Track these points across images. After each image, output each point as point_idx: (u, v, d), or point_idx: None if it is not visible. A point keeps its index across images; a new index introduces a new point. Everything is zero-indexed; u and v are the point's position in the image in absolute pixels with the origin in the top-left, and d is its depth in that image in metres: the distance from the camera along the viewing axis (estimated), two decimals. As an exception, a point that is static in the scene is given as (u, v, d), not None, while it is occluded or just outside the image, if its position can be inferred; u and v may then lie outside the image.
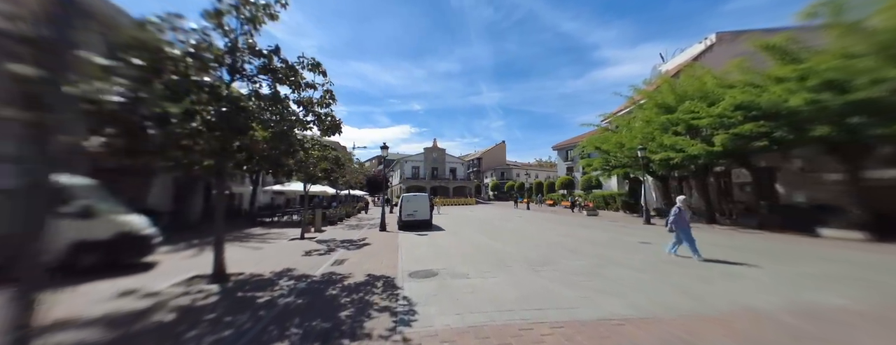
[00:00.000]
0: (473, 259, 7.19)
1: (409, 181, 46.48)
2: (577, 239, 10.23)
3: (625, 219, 18.02)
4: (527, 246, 8.96)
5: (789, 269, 6.00)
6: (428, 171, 48.31)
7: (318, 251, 8.88)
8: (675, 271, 5.99)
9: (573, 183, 34.48)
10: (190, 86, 4.89)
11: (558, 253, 7.85)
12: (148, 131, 5.21)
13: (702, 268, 6.19)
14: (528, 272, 5.95)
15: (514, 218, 19.14)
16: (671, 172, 16.35)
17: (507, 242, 9.81)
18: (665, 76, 16.06)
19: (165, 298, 5.08)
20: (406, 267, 6.50)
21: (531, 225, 15.05)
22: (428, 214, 13.65)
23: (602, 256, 7.33)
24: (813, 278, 5.42)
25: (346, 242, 10.66)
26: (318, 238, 11.66)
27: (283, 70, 6.08)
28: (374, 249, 9.01)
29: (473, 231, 12.69)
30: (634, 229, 13.01)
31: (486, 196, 54.40)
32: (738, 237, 10.23)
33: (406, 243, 9.85)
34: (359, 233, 12.95)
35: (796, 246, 8.45)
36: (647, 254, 7.56)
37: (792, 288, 4.87)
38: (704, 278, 5.49)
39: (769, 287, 4.93)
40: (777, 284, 5.09)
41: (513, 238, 10.61)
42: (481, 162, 61.64)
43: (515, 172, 56.18)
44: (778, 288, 4.88)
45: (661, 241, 9.46)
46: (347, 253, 8.49)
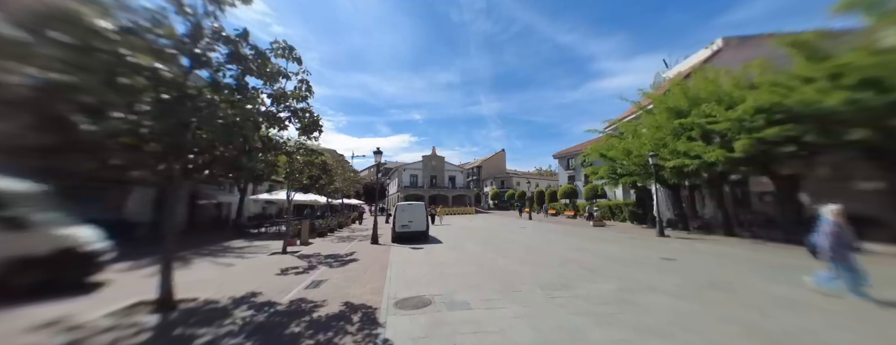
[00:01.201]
0: (476, 281, 6.07)
1: (407, 190, 45.22)
2: (591, 254, 9.11)
3: (634, 230, 16.89)
4: (537, 263, 7.85)
5: (860, 296, 4.91)
6: (426, 179, 47.11)
7: (296, 269, 7.74)
8: (720, 297, 4.90)
9: (576, 192, 33.41)
10: (122, 66, 3.90)
11: (575, 273, 6.74)
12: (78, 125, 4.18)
13: (748, 293, 5.09)
14: (544, 300, 4.85)
15: (517, 229, 17.98)
16: (683, 180, 15.33)
17: (513, 257, 8.69)
18: (676, 79, 15.25)
19: (87, 333, 3.98)
20: (394, 292, 5.38)
21: (537, 237, 13.92)
22: (424, 225, 12.56)
23: (627, 278, 6.22)
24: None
25: (331, 257, 9.51)
26: (303, 252, 10.50)
27: (252, 58, 5.14)
28: (360, 267, 7.87)
29: (475, 244, 11.55)
30: (650, 243, 11.90)
31: (486, 205, 53.18)
32: (781, 254, 9.12)
33: (398, 260, 8.71)
34: (347, 246, 11.78)
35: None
36: (676, 274, 6.47)
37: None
38: (758, 306, 4.41)
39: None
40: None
41: (519, 253, 9.49)
42: (481, 170, 60.69)
43: (515, 180, 55.13)
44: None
45: (685, 257, 8.37)
46: (328, 272, 7.35)
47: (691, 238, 13.12)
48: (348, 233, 17.05)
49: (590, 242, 11.92)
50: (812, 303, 4.69)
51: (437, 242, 11.99)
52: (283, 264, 8.53)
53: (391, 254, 9.64)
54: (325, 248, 11.54)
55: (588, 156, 19.73)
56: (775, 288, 5.38)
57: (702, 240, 12.59)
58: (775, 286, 5.48)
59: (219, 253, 10.66)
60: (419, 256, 9.13)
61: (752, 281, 5.87)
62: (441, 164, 49.15)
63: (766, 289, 5.33)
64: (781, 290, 5.27)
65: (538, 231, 16.81)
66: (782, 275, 6.31)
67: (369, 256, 9.46)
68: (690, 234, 14.60)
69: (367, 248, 11.28)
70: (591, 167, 20.30)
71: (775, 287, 5.43)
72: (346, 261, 8.81)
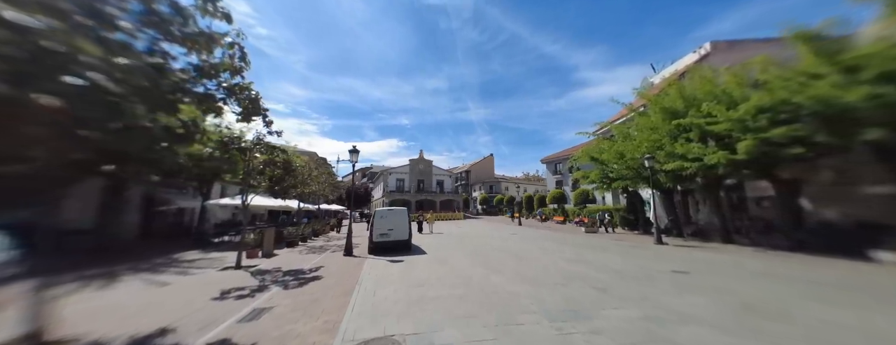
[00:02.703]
0: (464, 310, 4.74)
1: (392, 194, 43.07)
2: (593, 267, 7.95)
3: (628, 237, 15.99)
4: (536, 280, 6.58)
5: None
6: (413, 183, 45.00)
7: (241, 291, 6.20)
8: (776, 329, 3.78)
9: (564, 197, 32.70)
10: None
11: (583, 294, 5.51)
12: None
13: (809, 322, 3.99)
14: (556, 339, 3.58)
15: (508, 236, 16.77)
16: (680, 184, 14.59)
17: (507, 272, 7.41)
18: (671, 79, 14.60)
19: None
20: (353, 330, 3.99)
21: (531, 245, 12.72)
22: (407, 233, 11.11)
23: (647, 300, 5.04)
24: None
25: (292, 273, 7.98)
26: (261, 266, 8.90)
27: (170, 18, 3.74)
28: (321, 289, 6.39)
29: (463, 255, 10.20)
30: (650, 251, 10.91)
31: (474, 210, 52.04)
32: (800, 266, 8.21)
33: (371, 277, 7.29)
34: (316, 259, 10.21)
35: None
36: (700, 293, 5.36)
37: None
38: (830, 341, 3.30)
39: None
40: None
41: (513, 266, 8.24)
42: (470, 175, 59.70)
43: (504, 185, 54.39)
44: None
45: (697, 269, 7.33)
46: (279, 296, 5.86)
47: (690, 246, 12.25)
48: (323, 242, 15.34)
49: (587, 252, 10.81)
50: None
51: (421, 253, 10.58)
52: (230, 282, 6.95)
53: (364, 269, 8.18)
54: (289, 261, 9.94)
55: (578, 160, 18.85)
56: (838, 314, 4.31)
57: (701, 248, 11.73)
58: (836, 311, 4.41)
59: (162, 268, 8.92)
60: (397, 272, 7.71)
61: (796, 303, 4.81)
62: (429, 168, 46.89)
63: (827, 316, 4.24)
64: (848, 317, 4.20)
65: (530, 238, 15.66)
66: (829, 294, 5.29)
67: (337, 272, 7.96)
68: (687, 241, 13.78)
69: (339, 261, 9.75)
70: (581, 171, 19.43)
71: (837, 312, 4.36)
72: (307, 279, 7.30)
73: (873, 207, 9.58)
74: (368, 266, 8.57)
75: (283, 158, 9.70)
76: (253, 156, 9.06)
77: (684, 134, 12.38)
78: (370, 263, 9.06)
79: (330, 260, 9.89)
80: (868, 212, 9.81)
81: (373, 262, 9.20)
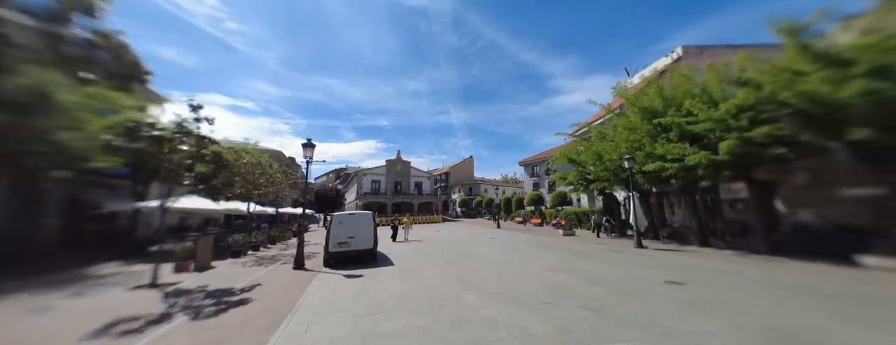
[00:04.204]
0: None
1: (367, 197, 40.15)
2: (581, 278, 6.94)
3: (607, 240, 15.38)
4: (519, 299, 5.43)
5: None
6: (390, 185, 42.43)
7: (134, 322, 4.58)
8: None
9: (542, 199, 32.29)
10: None
11: (577, 318, 4.41)
12: None
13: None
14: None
15: (486, 240, 15.64)
16: (659, 185, 14.15)
17: (486, 289, 6.21)
18: (651, 78, 14.17)
19: None
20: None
21: (511, 252, 11.62)
22: (371, 241, 9.52)
23: (654, 326, 4.01)
24: None
25: (217, 294, 6.35)
26: (186, 284, 7.18)
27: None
28: (240, 319, 4.88)
29: (436, 266, 8.86)
30: (633, 256, 10.14)
31: (454, 212, 50.92)
32: (791, 272, 7.60)
33: (315, 299, 5.84)
34: (258, 274, 8.52)
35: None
36: (709, 312, 4.41)
37: None
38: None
39: None
40: None
41: (493, 279, 7.06)
42: (449, 177, 58.59)
43: (483, 187, 53.74)
44: None
45: (690, 279, 6.48)
46: (179, 331, 4.30)
47: (669, 249, 11.68)
48: (277, 251, 13.30)
49: (570, 258, 9.87)
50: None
51: (387, 265, 9.14)
52: (132, 307, 5.29)
53: (311, 288, 6.67)
54: (224, 276, 8.21)
55: (556, 161, 18.19)
56: (877, 337, 3.44)
57: (682, 252, 11.16)
58: (873, 334, 3.55)
59: (64, 284, 6.98)
60: (350, 292, 6.27)
61: (823, 323, 3.94)
62: (407, 169, 44.28)
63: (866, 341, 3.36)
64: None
65: (509, 242, 14.64)
66: (848, 309, 4.49)
67: (274, 293, 6.41)
68: (664, 244, 13.29)
69: (284, 276, 8.13)
70: (559, 173, 18.80)
71: (874, 335, 3.50)
72: (231, 303, 5.73)
73: (852, 210, 9.31)
74: (318, 283, 7.07)
75: (212, 151, 7.93)
76: (175, 147, 7.31)
77: (664, 134, 11.86)
78: (322, 279, 7.54)
79: (274, 275, 8.25)
80: (846, 214, 9.55)
81: (325, 277, 7.68)
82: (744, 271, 7.50)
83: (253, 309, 5.42)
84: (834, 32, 7.23)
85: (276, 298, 6.08)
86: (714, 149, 9.82)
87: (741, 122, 9.24)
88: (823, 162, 9.76)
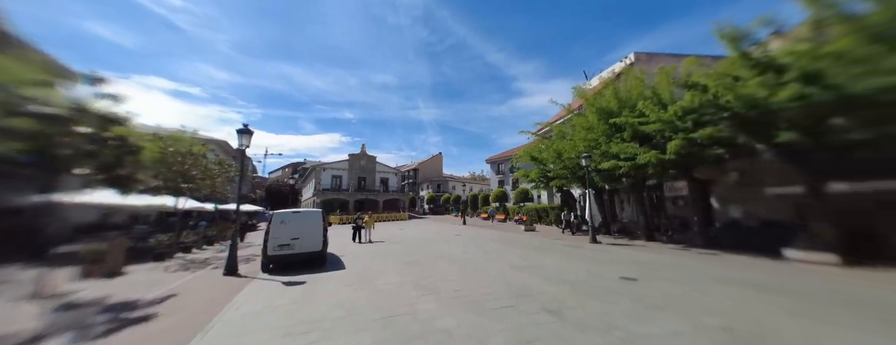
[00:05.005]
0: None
1: (326, 193, 36.27)
2: (542, 276, 6.58)
3: (564, 235, 15.63)
4: (480, 304, 4.87)
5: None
6: (353, 181, 38.55)
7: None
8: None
9: (506, 196, 32.65)
10: None
11: (536, 322, 3.98)
12: None
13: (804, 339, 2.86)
14: None
15: (451, 237, 15.06)
16: (612, 183, 14.59)
17: (445, 292, 5.58)
18: (608, 79, 14.47)
19: None
20: None
21: (475, 249, 11.12)
22: (319, 242, 8.33)
23: (615, 328, 3.63)
24: None
25: (118, 308, 5.03)
26: (85, 294, 5.65)
27: None
28: (133, 342, 3.75)
29: (395, 268, 8.01)
30: (589, 252, 10.17)
31: (421, 209, 50.02)
32: (729, 266, 7.89)
33: (236, 315, 4.78)
34: (179, 281, 7.09)
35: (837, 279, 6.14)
36: (666, 311, 4.16)
37: None
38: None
39: None
40: None
41: (454, 280, 6.44)
42: (418, 173, 57.46)
43: (451, 184, 53.41)
44: None
45: (643, 273, 6.37)
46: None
47: (620, 244, 12.00)
48: (213, 253, 11.51)
49: (531, 255, 9.60)
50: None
51: (338, 268, 8.10)
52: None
53: (238, 298, 5.53)
54: (138, 283, 6.70)
55: (519, 159, 18.24)
56: (822, 332, 3.32)
57: (631, 246, 11.48)
58: (818, 328, 3.44)
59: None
60: (284, 305, 5.24)
61: (772, 319, 3.82)
62: (372, 164, 40.90)
63: (815, 336, 3.21)
64: (838, 337, 3.21)
65: (474, 239, 14.20)
66: (789, 303, 4.49)
67: (190, 306, 5.20)
68: (616, 238, 13.73)
69: (211, 283, 6.81)
70: (522, 170, 18.89)
71: (820, 330, 3.38)
72: (129, 319, 4.48)
73: (776, 207, 10.10)
74: (249, 293, 5.91)
75: (116, 134, 6.37)
76: (71, 129, 5.73)
77: (618, 134, 12.13)
78: (256, 287, 6.37)
79: (199, 282, 6.87)
80: (771, 211, 10.37)
81: (260, 285, 6.50)
82: (686, 264, 7.67)
83: (155, 328, 4.25)
84: (770, 40, 7.58)
85: (190, 312, 4.87)
86: (662, 148, 10.11)
87: (686, 123, 9.57)
88: (753, 163, 10.51)
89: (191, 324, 4.37)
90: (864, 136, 6.74)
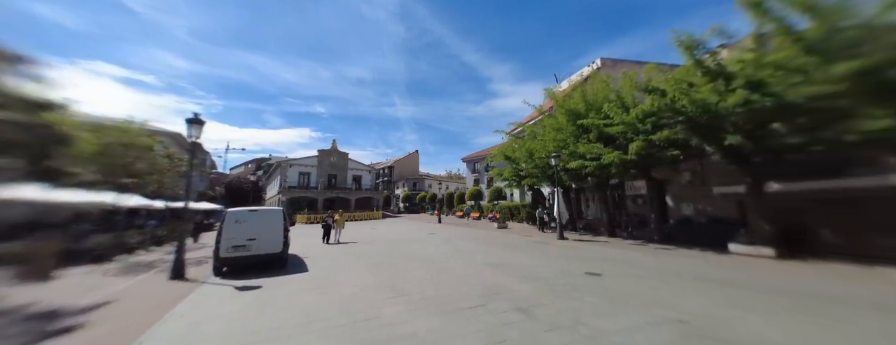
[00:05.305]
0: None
1: (293, 191, 33.82)
2: (512, 273, 6.51)
3: (534, 232, 15.95)
4: (449, 303, 4.67)
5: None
6: (323, 178, 36.14)
7: None
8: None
9: (481, 194, 32.92)
10: None
11: (506, 322, 3.85)
12: None
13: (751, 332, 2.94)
14: None
15: (425, 236, 14.73)
16: (579, 182, 15.07)
17: (414, 293, 5.29)
18: (577, 83, 14.88)
19: None
20: None
21: (448, 247, 10.86)
22: (279, 243, 7.63)
23: (581, 325, 3.57)
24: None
25: (37, 318, 4.20)
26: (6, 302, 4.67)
27: None
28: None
29: (363, 269, 7.56)
30: (557, 248, 10.36)
31: (396, 208, 49.08)
32: (681, 259, 8.30)
33: (177, 325, 4.14)
34: (117, 286, 6.13)
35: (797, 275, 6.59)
36: (628, 306, 4.19)
37: None
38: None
39: None
40: None
41: (425, 280, 6.15)
42: (393, 171, 56.30)
43: (428, 182, 52.95)
44: None
45: (606, 269, 6.50)
46: None
47: (586, 240, 12.41)
48: (161, 255, 10.25)
49: (504, 252, 9.59)
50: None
51: (300, 271, 7.48)
52: None
53: (181, 307, 4.85)
54: (69, 289, 5.72)
55: (494, 158, 18.41)
56: (761, 323, 3.46)
57: (595, 242, 11.91)
58: (759, 320, 3.60)
59: None
60: (234, 313, 4.64)
61: (722, 313, 3.96)
62: (343, 161, 38.56)
63: (759, 329, 3.32)
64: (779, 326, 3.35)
65: (448, 237, 13.99)
66: (737, 296, 4.72)
67: (124, 316, 4.47)
68: (581, 235, 14.22)
69: (153, 289, 5.97)
70: (496, 169, 19.08)
71: (761, 322, 3.53)
72: (48, 332, 3.73)
73: (723, 205, 10.89)
74: (194, 299, 5.22)
75: (43, 121, 5.39)
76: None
77: (585, 135, 12.52)
78: (203, 293, 5.65)
79: (140, 288, 5.99)
80: (712, 209, 11.19)
81: (209, 290, 5.80)
82: (644, 259, 8.00)
83: (81, 340, 3.63)
84: (721, 49, 8.09)
85: (124, 321, 4.18)
86: (625, 149, 10.54)
87: (646, 126, 10.03)
88: (703, 164, 11.29)
89: (123, 335, 3.73)
90: (798, 140, 7.37)
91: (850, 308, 4.21)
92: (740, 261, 7.56)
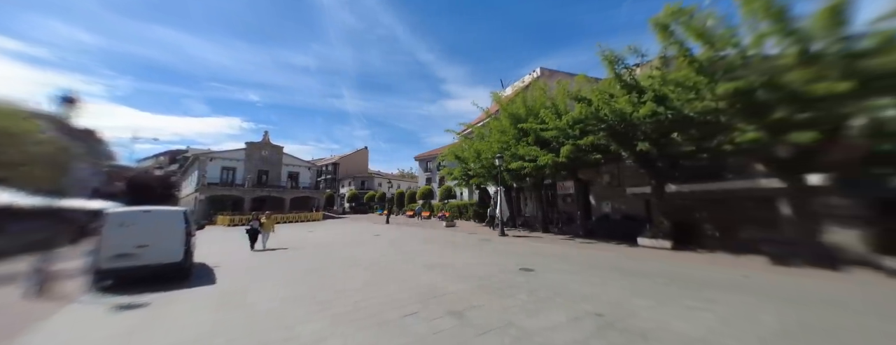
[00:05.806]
0: None
1: (213, 188, 28.56)
2: (452, 273, 6.19)
3: (480, 229, 16.18)
4: (380, 314, 4.04)
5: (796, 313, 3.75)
6: (252, 174, 31.07)
7: None
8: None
9: (432, 193, 32.63)
10: None
11: (438, 329, 3.45)
12: None
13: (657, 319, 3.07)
14: None
15: (368, 239, 13.61)
16: (519, 182, 15.72)
17: (343, 304, 4.56)
18: (520, 88, 15.48)
19: None
20: None
21: (392, 249, 10.04)
22: (179, 251, 6.16)
23: (512, 326, 3.33)
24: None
25: None
26: None
27: None
28: None
29: (284, 278, 6.48)
30: (498, 245, 10.49)
31: (340, 208, 45.89)
32: (600, 252, 8.96)
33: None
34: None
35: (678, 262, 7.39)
36: (553, 304, 4.16)
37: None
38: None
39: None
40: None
41: (358, 289, 5.37)
42: (338, 168, 52.53)
43: (378, 181, 50.58)
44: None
45: (538, 264, 6.64)
46: None
47: (523, 236, 12.93)
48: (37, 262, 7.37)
49: (447, 251, 9.30)
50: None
51: (203, 284, 6.06)
52: None
53: (34, 335, 3.38)
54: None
55: (445, 157, 18.30)
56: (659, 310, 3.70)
57: (530, 237, 12.46)
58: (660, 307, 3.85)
59: None
60: (101, 341, 3.42)
61: (631, 302, 4.17)
62: (278, 155, 33.63)
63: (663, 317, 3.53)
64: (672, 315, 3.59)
65: (393, 239, 13.18)
66: (644, 285, 5.10)
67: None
68: (519, 231, 14.86)
69: (5, 308, 4.21)
70: (447, 168, 18.99)
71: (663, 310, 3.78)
72: None
73: (628, 204, 12.32)
74: (57, 322, 3.77)
75: None
76: None
77: (525, 138, 13.06)
78: (68, 314, 4.09)
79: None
80: (626, 207, 12.63)
81: (79, 311, 4.25)
82: (570, 253, 8.51)
83: None
84: (638, 66, 9.05)
85: None
86: (557, 152, 11.22)
87: (575, 131, 10.80)
88: (619, 167, 12.66)
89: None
90: (690, 148, 8.58)
91: (717, 290, 4.86)
92: (646, 252, 8.52)
